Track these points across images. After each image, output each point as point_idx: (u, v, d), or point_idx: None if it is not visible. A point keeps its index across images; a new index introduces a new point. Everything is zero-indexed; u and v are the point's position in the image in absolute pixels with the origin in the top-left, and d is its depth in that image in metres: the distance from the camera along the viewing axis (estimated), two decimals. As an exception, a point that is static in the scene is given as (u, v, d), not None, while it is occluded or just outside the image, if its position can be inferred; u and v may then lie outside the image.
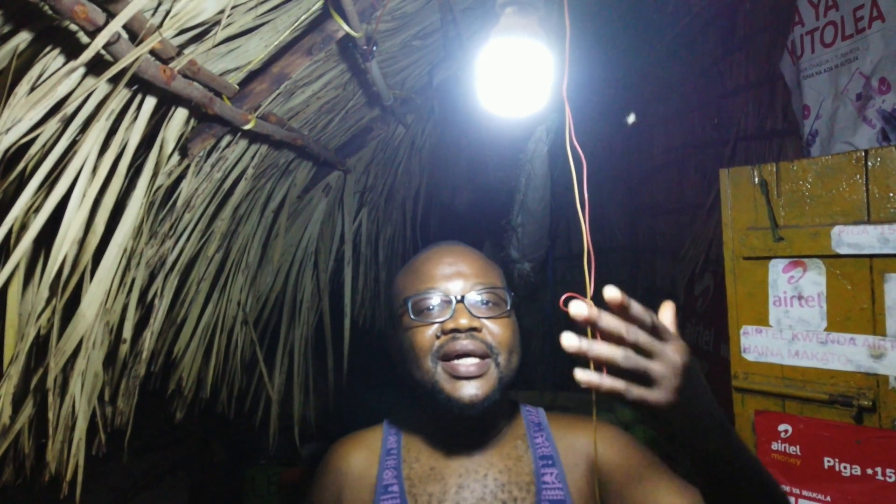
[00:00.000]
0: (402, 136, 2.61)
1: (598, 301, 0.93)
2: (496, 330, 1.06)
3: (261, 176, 1.92)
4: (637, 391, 0.66)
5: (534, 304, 3.85)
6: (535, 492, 1.05)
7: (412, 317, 1.07)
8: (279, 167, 2.00)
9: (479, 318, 1.05)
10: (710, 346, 2.77)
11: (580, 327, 0.74)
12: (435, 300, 1.07)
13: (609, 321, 0.65)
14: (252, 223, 2.03)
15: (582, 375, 0.65)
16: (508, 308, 1.10)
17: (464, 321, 1.03)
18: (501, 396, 1.06)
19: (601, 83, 3.54)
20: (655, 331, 0.68)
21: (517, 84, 0.82)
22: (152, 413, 2.24)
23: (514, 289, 3.55)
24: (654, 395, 0.67)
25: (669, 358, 0.67)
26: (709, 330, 2.80)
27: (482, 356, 1.03)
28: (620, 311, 0.66)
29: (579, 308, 0.64)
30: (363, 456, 1.16)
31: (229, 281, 2.00)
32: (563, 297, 1.01)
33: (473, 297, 1.07)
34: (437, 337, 1.04)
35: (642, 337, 0.66)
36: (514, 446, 1.12)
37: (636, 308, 0.67)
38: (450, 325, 1.03)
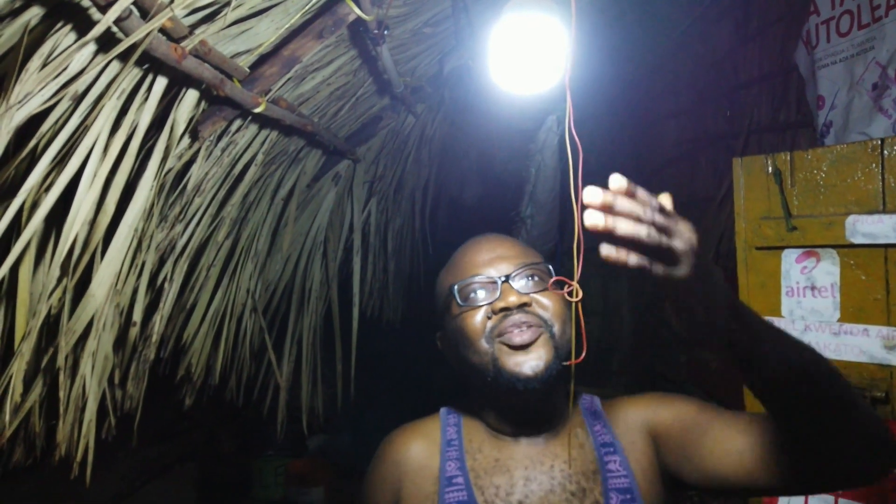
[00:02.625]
0: (411, 125, 2.60)
1: (584, 285, 0.96)
2: (546, 302, 1.04)
3: (271, 163, 1.92)
4: (660, 266, 0.69)
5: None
6: (602, 481, 1.03)
7: (460, 303, 1.06)
8: (289, 155, 2.00)
9: (527, 293, 1.04)
10: (719, 341, 2.74)
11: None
12: (480, 283, 1.07)
13: (626, 202, 0.67)
14: (262, 210, 2.03)
15: (608, 250, 0.67)
16: (546, 276, 1.08)
17: (513, 298, 1.02)
18: (560, 372, 1.02)
19: (612, 75, 3.51)
20: (665, 213, 0.70)
21: (530, 59, 0.81)
22: (161, 402, 2.25)
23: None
24: (676, 269, 0.69)
25: (685, 234, 0.70)
26: (719, 324, 2.78)
27: (536, 327, 1.02)
28: (628, 197, 0.69)
29: (594, 193, 0.66)
30: (423, 446, 1.13)
31: (239, 268, 2.00)
32: (552, 280, 1.05)
33: (518, 275, 1.06)
34: (489, 318, 1.03)
35: (658, 216, 0.68)
36: (575, 434, 1.10)
37: (643, 193, 0.69)
38: (500, 305, 1.02)
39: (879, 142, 1.47)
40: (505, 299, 1.02)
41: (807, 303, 1.56)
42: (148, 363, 1.63)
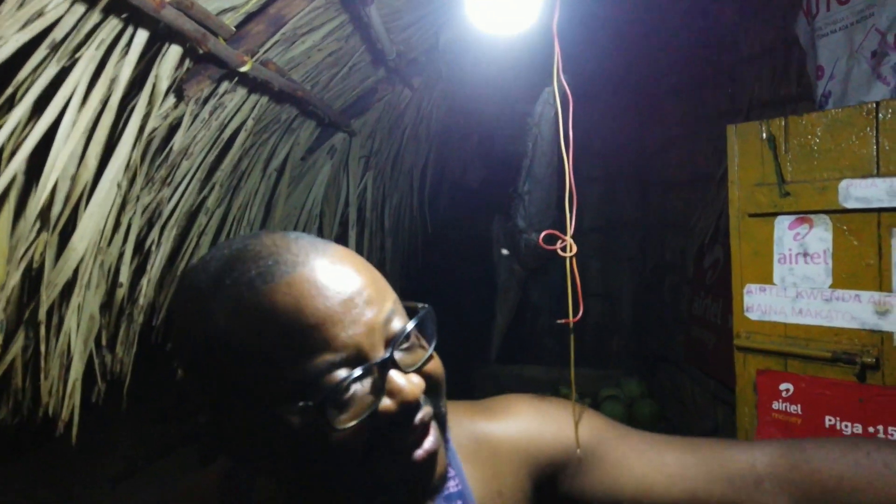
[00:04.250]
0: (408, 99, 2.58)
1: (577, 239, 0.92)
2: (434, 371, 0.66)
3: (263, 131, 1.91)
4: None
5: (542, 277, 3.82)
6: None
7: (329, 420, 0.57)
8: (281, 124, 1.99)
9: (415, 371, 0.63)
10: (718, 319, 2.74)
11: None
12: (346, 375, 0.57)
13: None
14: (254, 180, 2.02)
15: None
16: (432, 328, 0.68)
17: (408, 390, 0.59)
18: None
19: (613, 52, 3.48)
20: None
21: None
22: (162, 382, 2.26)
23: (521, 261, 3.54)
24: None
25: None
26: (717, 303, 2.77)
27: (432, 422, 0.64)
28: None
29: None
30: None
31: (231, 237, 2.00)
32: (543, 234, 0.99)
33: (403, 340, 0.63)
34: (367, 429, 0.58)
35: None
36: None
37: None
38: (391, 409, 0.59)
39: (875, 105, 1.45)
40: (399, 394, 0.59)
41: (799, 269, 1.54)
42: (138, 327, 1.63)
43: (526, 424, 0.80)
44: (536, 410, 0.82)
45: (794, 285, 1.54)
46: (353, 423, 0.57)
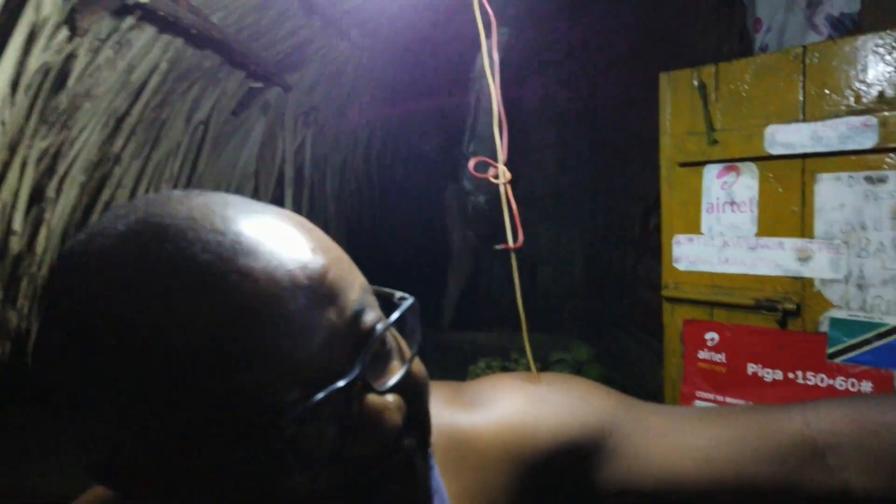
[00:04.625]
0: (347, 53, 2.49)
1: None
2: (416, 384, 0.48)
3: (182, 79, 1.81)
4: None
5: (494, 243, 3.79)
6: None
7: (282, 462, 0.40)
8: (204, 72, 1.89)
9: (393, 388, 0.46)
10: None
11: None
12: (300, 406, 0.39)
13: None
14: (177, 131, 1.92)
15: None
16: (414, 324, 0.49)
17: (386, 417, 0.43)
18: None
19: (564, 21, 3.43)
20: None
21: None
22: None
23: (471, 225, 3.50)
24: None
25: None
26: (661, 263, 2.76)
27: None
28: None
29: None
30: None
31: (150, 191, 1.90)
32: (473, 163, 0.93)
33: (370, 349, 0.46)
34: (330, 475, 0.43)
35: None
36: None
37: None
38: (363, 445, 0.44)
39: (802, 49, 1.43)
40: (374, 425, 0.43)
41: (726, 218, 1.53)
42: (39, 280, 1.54)
43: (519, 416, 0.63)
44: (529, 396, 0.65)
45: (721, 234, 1.53)
46: (311, 469, 0.41)
